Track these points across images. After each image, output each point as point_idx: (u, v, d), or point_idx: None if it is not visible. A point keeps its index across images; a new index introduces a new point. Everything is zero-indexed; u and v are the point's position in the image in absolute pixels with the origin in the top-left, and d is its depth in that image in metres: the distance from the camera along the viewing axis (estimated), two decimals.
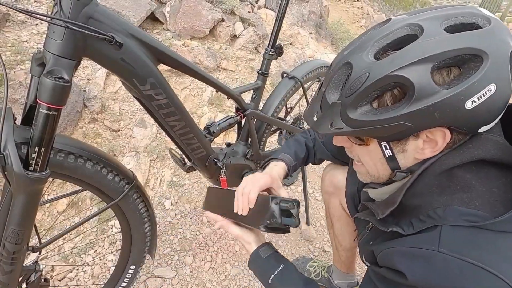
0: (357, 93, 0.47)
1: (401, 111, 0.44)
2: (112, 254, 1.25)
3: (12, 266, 0.66)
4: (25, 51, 1.52)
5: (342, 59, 0.51)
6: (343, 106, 0.49)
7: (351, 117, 0.48)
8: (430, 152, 0.49)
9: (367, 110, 0.47)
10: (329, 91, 0.52)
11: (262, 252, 0.69)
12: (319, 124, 0.53)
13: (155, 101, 0.74)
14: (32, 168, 0.57)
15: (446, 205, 0.48)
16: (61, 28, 0.52)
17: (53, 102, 0.53)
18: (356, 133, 0.49)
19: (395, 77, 0.44)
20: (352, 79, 0.48)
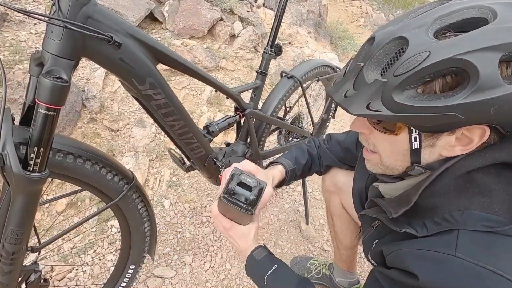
0: (410, 73, 0.41)
1: (456, 101, 0.39)
2: (111, 254, 1.25)
3: (11, 266, 0.66)
4: (23, 51, 1.52)
5: (391, 34, 0.44)
6: (388, 86, 0.42)
7: (395, 99, 0.42)
8: (460, 150, 0.46)
9: (414, 95, 0.42)
10: (369, 67, 0.45)
11: (256, 254, 0.67)
12: (351, 103, 0.47)
13: (154, 101, 0.74)
14: (31, 168, 0.57)
15: (464, 209, 0.46)
16: (59, 28, 0.52)
17: (51, 102, 0.53)
18: (396, 118, 0.44)
19: (460, 62, 0.38)
20: (407, 56, 0.42)
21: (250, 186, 0.61)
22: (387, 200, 0.59)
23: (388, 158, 0.54)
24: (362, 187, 0.77)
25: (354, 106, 0.46)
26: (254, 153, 1.22)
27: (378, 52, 0.45)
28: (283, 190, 1.75)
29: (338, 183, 0.97)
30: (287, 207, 1.67)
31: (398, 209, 0.52)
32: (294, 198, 1.74)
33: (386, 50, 0.44)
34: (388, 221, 0.56)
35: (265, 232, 1.50)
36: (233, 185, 0.61)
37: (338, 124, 2.56)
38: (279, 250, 1.43)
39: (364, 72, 0.46)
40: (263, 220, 1.56)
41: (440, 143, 0.47)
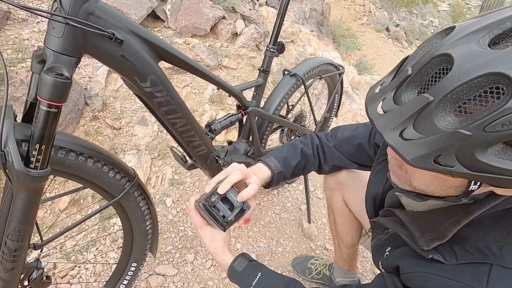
0: (510, 131, 0.31)
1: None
2: (113, 252, 1.26)
3: (13, 263, 0.66)
4: (26, 49, 1.52)
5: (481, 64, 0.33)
6: (473, 142, 0.33)
7: (477, 158, 0.33)
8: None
9: (498, 150, 0.33)
10: (442, 107, 0.35)
11: (237, 265, 0.65)
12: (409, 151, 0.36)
13: (156, 98, 0.74)
14: (33, 165, 0.57)
15: (504, 242, 0.42)
16: (61, 24, 0.52)
17: (53, 99, 0.53)
18: (470, 177, 0.36)
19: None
20: (510, 109, 0.31)
21: (233, 205, 0.61)
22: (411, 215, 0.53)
23: (425, 187, 0.47)
24: (378, 192, 0.71)
25: (416, 157, 0.36)
26: (256, 151, 1.21)
27: (462, 88, 0.33)
28: (285, 188, 1.75)
29: (341, 179, 0.95)
30: (289, 205, 1.67)
31: (428, 238, 0.47)
32: (296, 196, 1.73)
33: (472, 85, 0.32)
34: (412, 241, 0.50)
35: (267, 231, 1.50)
36: (216, 199, 0.61)
37: (340, 123, 2.55)
38: (281, 249, 1.43)
39: (433, 111, 0.35)
40: (265, 219, 1.56)
41: None
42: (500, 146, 0.33)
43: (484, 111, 0.32)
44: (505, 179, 0.34)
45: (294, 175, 0.84)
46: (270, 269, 0.67)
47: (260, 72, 1.16)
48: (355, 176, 0.94)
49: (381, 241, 0.65)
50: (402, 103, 0.38)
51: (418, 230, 0.49)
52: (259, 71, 1.16)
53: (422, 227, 0.49)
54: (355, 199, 0.94)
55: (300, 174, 0.86)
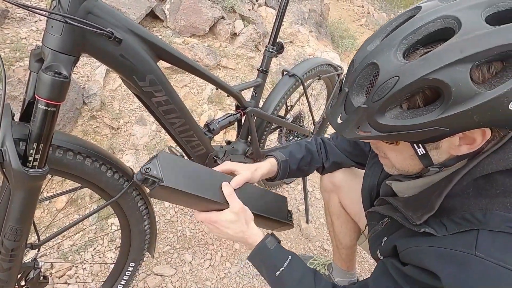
0: (385, 98, 0.43)
1: (435, 116, 0.40)
2: (111, 252, 1.25)
3: (10, 263, 0.65)
4: (24, 48, 1.51)
5: (366, 58, 0.47)
6: (370, 111, 0.45)
7: (379, 122, 0.44)
8: (467, 148, 0.46)
9: (396, 114, 0.44)
10: (353, 93, 0.48)
11: (268, 243, 0.65)
12: (344, 128, 0.49)
13: (154, 98, 0.73)
14: (30, 164, 0.56)
15: (487, 209, 0.46)
16: (59, 23, 0.51)
17: (51, 98, 0.53)
18: (386, 137, 0.46)
19: (429, 81, 0.39)
20: (379, 83, 0.43)
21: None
22: (402, 201, 0.58)
23: (399, 164, 0.55)
24: (373, 184, 0.75)
25: (347, 131, 0.49)
26: (255, 151, 1.21)
27: (358, 78, 0.47)
28: (283, 189, 1.75)
29: (336, 181, 0.96)
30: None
31: (419, 214, 0.52)
32: (295, 197, 1.73)
33: (364, 75, 0.47)
34: (405, 221, 0.55)
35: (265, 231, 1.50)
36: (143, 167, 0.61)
37: None
38: None
39: (350, 97, 0.48)
40: None
41: (444, 145, 0.47)
42: (398, 109, 0.44)
43: (371, 89, 0.45)
44: (407, 133, 0.43)
45: (300, 170, 0.88)
46: (297, 255, 0.67)
47: (259, 72, 1.16)
48: (350, 178, 0.95)
49: (377, 232, 0.67)
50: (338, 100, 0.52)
51: (410, 210, 0.54)
52: (258, 71, 1.16)
53: (413, 207, 0.54)
54: (351, 201, 0.96)
55: (306, 170, 0.91)
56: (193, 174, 0.65)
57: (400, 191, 0.62)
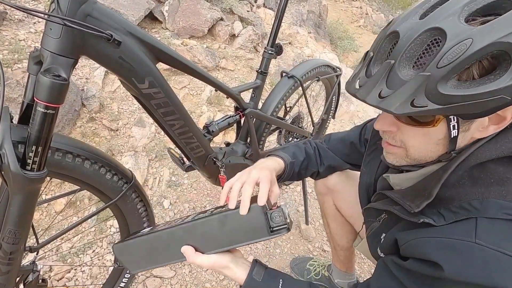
0: (456, 62, 0.40)
1: (503, 83, 0.39)
2: (110, 254, 1.25)
3: (9, 266, 0.65)
4: (22, 50, 1.51)
5: (419, 26, 0.43)
6: (433, 80, 0.41)
7: (442, 92, 0.41)
8: (493, 129, 0.46)
9: (456, 84, 0.42)
10: (401, 64, 0.44)
11: (256, 275, 0.60)
12: (390, 103, 0.44)
13: (153, 100, 0.73)
14: (29, 167, 0.56)
15: (483, 197, 0.47)
16: (58, 25, 0.51)
17: (50, 101, 0.53)
18: (444, 111, 0.43)
19: (504, 45, 0.39)
20: (449, 46, 0.40)
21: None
22: (400, 192, 0.58)
23: (419, 152, 0.52)
24: (370, 181, 0.75)
25: (397, 106, 0.44)
26: (254, 153, 1.21)
27: (410, 47, 0.43)
28: (282, 190, 1.75)
29: (330, 184, 0.96)
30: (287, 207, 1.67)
31: (417, 202, 0.51)
32: (294, 198, 1.73)
33: (417, 43, 0.43)
34: (403, 212, 0.55)
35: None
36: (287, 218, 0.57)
37: (338, 124, 2.56)
38: (279, 250, 1.43)
39: (396, 69, 0.44)
40: None
41: (474, 126, 0.47)
42: (455, 81, 0.42)
43: (433, 57, 0.42)
44: (469, 104, 0.41)
45: (300, 173, 0.85)
46: (286, 273, 0.65)
47: (258, 73, 1.16)
48: (344, 181, 0.95)
49: (375, 229, 0.66)
50: (372, 75, 0.48)
51: (408, 200, 0.54)
52: (257, 73, 1.17)
53: (411, 197, 0.54)
54: (345, 204, 0.96)
55: (303, 174, 0.87)
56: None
57: (396, 183, 0.62)
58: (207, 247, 0.59)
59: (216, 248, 0.59)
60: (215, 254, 0.59)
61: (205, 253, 0.59)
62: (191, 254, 0.58)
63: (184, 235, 0.59)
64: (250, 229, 0.57)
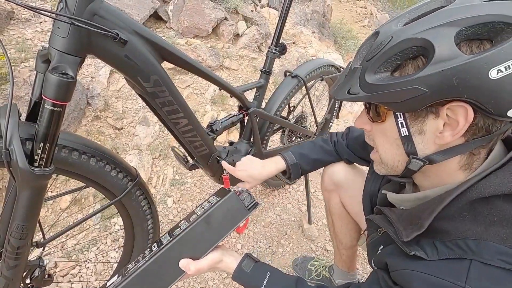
0: (377, 56, 0.46)
1: (417, 74, 0.42)
2: (114, 251, 1.26)
3: (16, 261, 0.66)
4: (29, 49, 1.53)
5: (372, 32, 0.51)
6: (363, 70, 0.48)
7: (368, 81, 0.46)
8: (450, 135, 0.45)
9: (385, 77, 0.46)
10: (354, 61, 0.51)
11: (245, 266, 0.64)
12: (338, 91, 0.52)
13: (158, 98, 0.74)
14: (36, 164, 0.57)
15: (480, 238, 0.43)
16: (66, 24, 0.52)
17: (58, 98, 0.54)
18: (368, 98, 0.47)
19: (416, 40, 0.42)
20: (375, 44, 0.47)
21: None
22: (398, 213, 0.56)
23: (385, 154, 0.55)
24: (374, 190, 0.74)
25: (339, 93, 0.51)
26: (257, 152, 1.22)
27: (362, 48, 0.51)
28: (285, 189, 1.75)
29: (337, 180, 0.96)
30: (290, 206, 1.67)
31: (409, 231, 0.50)
32: (297, 197, 1.74)
33: (366, 45, 0.51)
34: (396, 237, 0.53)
35: (268, 232, 1.50)
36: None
37: (341, 124, 2.55)
38: (282, 250, 1.43)
39: (351, 65, 0.52)
40: (266, 220, 1.56)
41: (428, 129, 0.47)
42: (388, 75, 0.46)
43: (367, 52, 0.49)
44: (388, 93, 0.45)
45: (316, 167, 0.96)
46: (276, 268, 0.67)
47: (262, 73, 1.17)
48: (352, 176, 0.95)
49: (374, 239, 0.66)
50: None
51: (402, 225, 0.52)
52: (261, 72, 1.17)
53: (406, 223, 0.52)
54: (352, 200, 0.95)
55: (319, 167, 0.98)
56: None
57: (395, 202, 0.61)
58: (200, 251, 0.62)
59: (209, 247, 0.62)
60: (210, 253, 0.62)
61: (201, 257, 0.62)
62: (190, 264, 0.60)
63: (177, 251, 0.60)
64: (232, 215, 0.64)
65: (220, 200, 0.64)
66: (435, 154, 0.48)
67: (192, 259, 0.61)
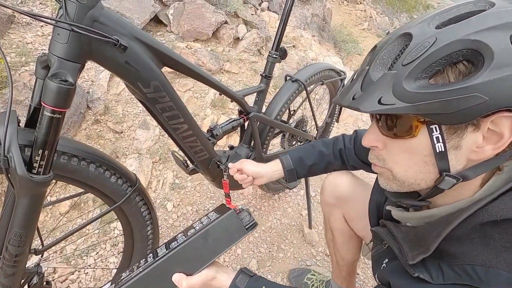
0: (419, 59, 0.39)
1: (476, 80, 0.37)
2: (114, 257, 1.25)
3: (14, 268, 0.66)
4: (29, 53, 1.53)
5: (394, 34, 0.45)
6: (398, 76, 0.41)
7: (407, 89, 0.40)
8: (491, 149, 0.40)
9: (426, 85, 0.40)
10: (375, 68, 0.44)
11: (239, 282, 0.62)
12: (361, 102, 0.44)
13: (159, 104, 0.74)
14: (35, 170, 0.57)
15: (490, 265, 0.40)
16: (66, 31, 0.52)
17: (57, 105, 0.53)
18: (413, 109, 0.40)
19: (470, 42, 0.37)
20: (413, 46, 0.41)
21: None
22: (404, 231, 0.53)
23: (405, 171, 0.48)
24: (381, 201, 0.70)
25: (365, 104, 0.43)
26: (258, 156, 1.21)
27: (383, 52, 0.44)
28: (286, 194, 1.75)
29: (340, 195, 0.91)
30: (290, 211, 1.66)
31: (415, 252, 0.47)
32: (297, 202, 1.73)
33: (390, 49, 0.44)
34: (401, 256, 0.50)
35: (268, 236, 1.49)
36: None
37: (341, 128, 2.55)
38: (282, 255, 1.42)
39: (370, 73, 0.44)
40: (266, 224, 1.55)
41: (465, 143, 0.42)
42: (427, 82, 0.40)
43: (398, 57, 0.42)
44: (438, 102, 0.39)
45: (312, 173, 0.91)
46: (271, 281, 0.65)
47: (262, 77, 1.17)
48: (356, 189, 0.90)
49: (379, 252, 0.64)
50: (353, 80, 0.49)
51: (408, 246, 0.49)
52: (261, 77, 1.17)
53: (412, 242, 0.49)
54: (357, 214, 0.90)
55: (321, 173, 0.92)
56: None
57: (400, 218, 0.57)
58: (195, 267, 0.61)
59: (204, 263, 0.61)
60: (204, 270, 0.61)
61: (194, 274, 0.60)
62: (183, 280, 0.59)
63: (171, 265, 0.60)
64: (230, 233, 0.63)
65: (219, 217, 0.63)
66: (468, 170, 0.43)
67: (185, 275, 0.60)
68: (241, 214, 0.65)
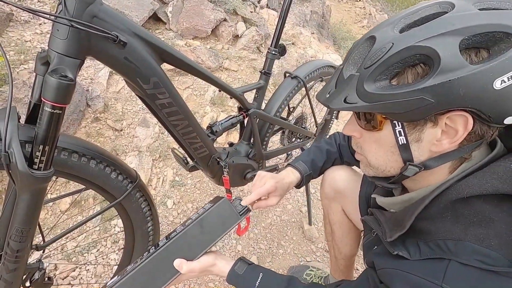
0: (377, 63, 0.44)
1: (423, 84, 0.41)
2: (114, 253, 1.26)
3: (16, 264, 0.66)
4: (28, 51, 1.53)
5: (366, 35, 0.49)
6: (361, 78, 0.46)
7: (367, 90, 0.45)
8: (448, 143, 0.45)
9: (385, 86, 0.44)
10: (347, 67, 0.49)
11: (238, 269, 0.66)
12: (331, 99, 0.49)
13: (158, 100, 0.74)
14: (36, 166, 0.57)
15: (458, 238, 0.44)
16: (65, 26, 0.52)
17: (57, 101, 0.54)
18: (370, 108, 0.45)
19: (420, 48, 0.41)
20: (374, 50, 0.45)
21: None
22: (387, 215, 0.58)
23: (376, 160, 0.54)
24: (370, 192, 0.75)
25: (334, 101, 0.49)
26: (257, 153, 1.22)
27: (354, 53, 0.49)
28: None
29: (338, 188, 0.94)
30: (290, 207, 1.67)
31: (393, 233, 0.51)
32: (297, 198, 1.73)
33: (360, 50, 0.48)
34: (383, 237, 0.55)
35: (268, 233, 1.50)
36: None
37: (341, 125, 2.55)
38: (282, 251, 1.43)
39: (343, 71, 0.49)
40: (266, 221, 1.56)
41: (426, 137, 0.47)
42: (387, 83, 0.45)
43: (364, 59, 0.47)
44: (393, 103, 0.43)
45: (322, 173, 0.95)
46: (269, 269, 0.69)
47: (261, 74, 1.17)
48: (354, 183, 0.92)
49: (369, 240, 0.67)
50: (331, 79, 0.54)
51: (388, 227, 0.54)
52: (261, 73, 1.17)
53: (392, 224, 0.54)
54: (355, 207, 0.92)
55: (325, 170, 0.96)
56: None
57: (385, 206, 0.62)
58: (194, 253, 0.64)
59: (202, 249, 0.65)
60: (203, 256, 0.65)
61: (194, 259, 0.64)
62: (183, 264, 0.63)
63: (172, 253, 0.64)
64: (224, 219, 0.67)
65: (213, 205, 0.68)
66: (430, 160, 0.49)
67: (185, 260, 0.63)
68: (234, 202, 0.70)
